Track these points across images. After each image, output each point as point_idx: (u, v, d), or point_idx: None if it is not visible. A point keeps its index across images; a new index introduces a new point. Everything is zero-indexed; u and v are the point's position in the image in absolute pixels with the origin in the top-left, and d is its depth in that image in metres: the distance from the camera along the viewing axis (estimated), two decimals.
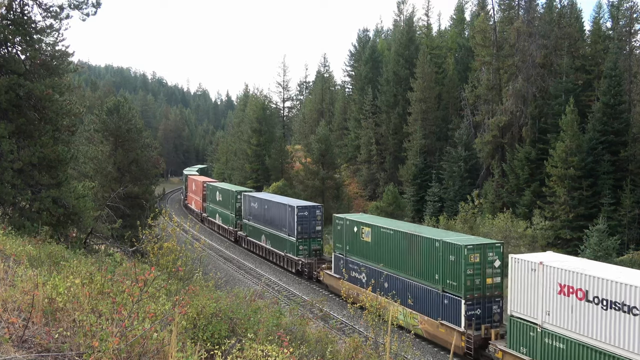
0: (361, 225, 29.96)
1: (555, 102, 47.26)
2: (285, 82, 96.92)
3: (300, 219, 36.82)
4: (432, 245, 24.26)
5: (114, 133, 34.41)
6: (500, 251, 23.01)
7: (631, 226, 39.58)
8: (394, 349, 11.73)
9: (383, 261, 27.54)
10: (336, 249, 32.65)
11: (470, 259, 22.29)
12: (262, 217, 42.95)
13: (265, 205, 42.38)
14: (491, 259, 22.73)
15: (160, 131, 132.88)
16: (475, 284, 22.47)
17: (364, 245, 29.63)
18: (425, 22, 78.49)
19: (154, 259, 11.44)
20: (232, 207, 50.38)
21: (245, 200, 46.63)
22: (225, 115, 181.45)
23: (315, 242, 37.48)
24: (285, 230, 38.57)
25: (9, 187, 16.91)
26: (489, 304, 22.77)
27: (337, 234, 32.45)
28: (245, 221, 47.10)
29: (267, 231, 42.01)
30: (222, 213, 54.20)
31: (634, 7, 48.90)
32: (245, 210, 46.84)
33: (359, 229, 30.04)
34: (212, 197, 58.18)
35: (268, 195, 46.41)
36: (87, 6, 18.32)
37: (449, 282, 23.23)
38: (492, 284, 22.78)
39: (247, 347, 6.51)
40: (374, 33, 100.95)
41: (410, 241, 25.76)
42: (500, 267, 22.88)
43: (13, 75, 17.25)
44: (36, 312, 6.65)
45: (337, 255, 32.64)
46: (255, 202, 44.45)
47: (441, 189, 54.76)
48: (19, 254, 10.34)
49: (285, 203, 39.15)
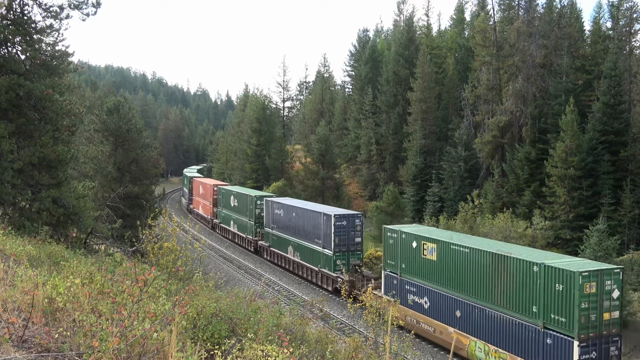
0: (423, 239, 25.24)
1: (555, 102, 47.26)
2: (285, 82, 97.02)
3: (338, 230, 32.49)
4: (528, 269, 19.72)
5: (114, 133, 34.42)
6: (619, 278, 18.95)
7: (631, 226, 39.58)
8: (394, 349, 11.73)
9: (454, 285, 23.38)
10: (387, 266, 27.84)
11: (586, 289, 18.17)
12: (289, 225, 38.57)
13: (293, 213, 37.95)
14: (609, 289, 18.60)
15: (160, 131, 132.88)
16: (590, 321, 18.31)
17: (426, 265, 24.94)
18: (425, 22, 78.57)
19: (154, 259, 11.45)
20: (251, 213, 45.60)
21: (268, 206, 42.21)
22: (225, 115, 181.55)
23: (354, 256, 33.04)
24: (318, 242, 34.28)
25: (9, 187, 16.90)
26: (605, 345, 18.67)
27: (388, 248, 27.74)
28: (267, 230, 42.53)
29: (295, 242, 37.53)
30: (239, 220, 49.41)
31: (634, 7, 48.90)
32: (267, 217, 42.29)
33: (419, 244, 25.44)
34: (225, 202, 53.40)
35: (296, 202, 41.79)
36: (87, 6, 18.31)
37: (553, 317, 18.86)
38: (609, 319, 18.68)
39: (247, 347, 6.51)
40: (374, 33, 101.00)
41: (495, 263, 21.22)
42: (619, 299, 19.11)
43: (13, 75, 17.25)
44: (36, 312, 6.65)
45: (388, 273, 27.74)
46: (280, 208, 40.03)
47: (441, 189, 54.75)
48: (19, 254, 10.34)
49: (320, 211, 34.77)
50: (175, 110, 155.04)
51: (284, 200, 42.71)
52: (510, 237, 36.37)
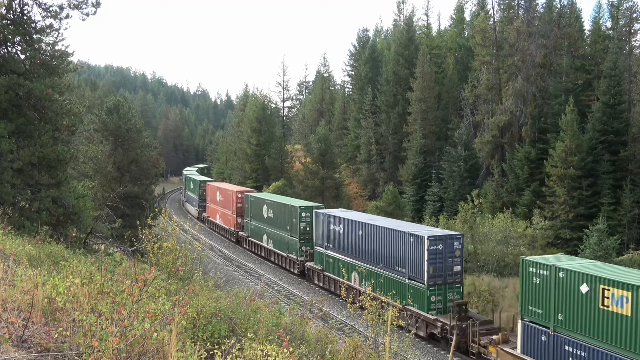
0: (602, 283, 16.51)
1: (555, 102, 47.27)
2: (285, 82, 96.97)
3: (433, 256, 24.53)
4: None
5: (114, 133, 34.44)
6: None
7: (631, 226, 39.59)
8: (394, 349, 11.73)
9: None
10: (528, 314, 19.52)
11: None
12: (352, 246, 30.61)
13: (359, 231, 29.83)
14: None
15: (160, 131, 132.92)
16: None
17: (609, 320, 16.44)
18: (425, 22, 78.66)
19: (154, 259, 11.46)
20: (294, 228, 37.49)
21: (319, 220, 34.32)
22: (225, 115, 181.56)
23: (453, 291, 25.11)
24: (402, 271, 26.30)
25: (9, 187, 16.91)
26: None
27: (531, 289, 19.39)
28: (319, 249, 34.41)
29: (363, 267, 29.05)
30: (275, 235, 40.81)
31: (634, 7, 48.93)
32: (319, 234, 34.41)
33: (594, 288, 16.78)
34: (255, 213, 44.70)
35: (362, 216, 33.67)
36: (87, 6, 18.33)
37: None
38: None
39: (247, 347, 6.51)
40: (374, 33, 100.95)
41: None
42: None
43: (13, 75, 17.25)
44: (36, 312, 6.65)
45: (530, 325, 19.38)
46: (338, 224, 32.31)
47: (441, 189, 54.77)
48: (19, 254, 10.34)
49: (405, 230, 26.41)
50: (175, 110, 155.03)
51: (344, 213, 34.15)
52: (511, 237, 36.41)
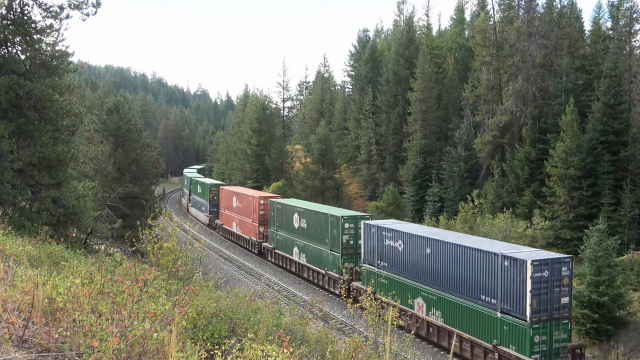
0: None
1: (555, 102, 47.26)
2: (285, 82, 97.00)
3: (537, 285, 19.25)
4: None
5: (114, 133, 34.43)
6: None
7: (631, 226, 39.55)
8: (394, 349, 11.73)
9: None
10: None
11: None
12: (415, 266, 25.24)
13: (426, 248, 24.33)
14: None
15: (160, 131, 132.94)
16: None
17: None
18: (425, 22, 78.60)
19: (154, 259, 11.46)
20: (334, 241, 32.53)
21: (369, 233, 28.74)
22: (225, 115, 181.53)
23: (560, 328, 20.03)
24: (489, 302, 20.89)
25: (9, 187, 16.91)
26: None
27: None
28: (367, 267, 28.94)
29: (431, 292, 24.05)
30: (310, 248, 35.70)
31: (634, 7, 48.87)
32: (370, 249, 28.92)
33: None
34: (283, 222, 39.81)
35: (427, 230, 27.49)
36: (87, 6, 18.33)
37: None
38: None
39: (247, 347, 6.51)
40: (374, 33, 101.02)
41: None
42: None
43: (13, 75, 17.25)
44: (36, 312, 6.65)
45: None
46: (396, 238, 26.40)
47: (441, 189, 54.75)
48: (19, 254, 10.34)
49: (493, 251, 20.89)
50: (175, 110, 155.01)
51: (403, 226, 28.20)
52: (510, 237, 36.40)
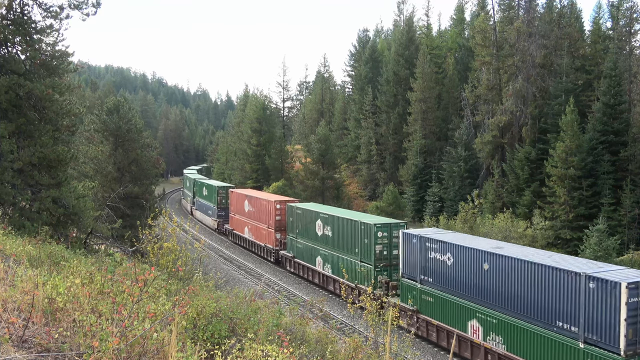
0: None
1: (555, 102, 47.27)
2: (285, 82, 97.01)
3: (633, 312, 15.52)
4: None
5: (114, 133, 34.42)
6: None
7: (631, 226, 39.56)
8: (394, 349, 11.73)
9: None
10: None
11: None
12: (468, 283, 21.26)
13: (483, 263, 20.43)
14: None
15: (160, 131, 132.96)
16: None
17: None
18: (425, 22, 78.66)
19: (154, 259, 11.46)
20: (366, 251, 28.69)
21: (410, 243, 24.63)
22: (225, 115, 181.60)
23: None
24: (568, 330, 17.10)
25: (9, 187, 16.92)
26: None
27: None
28: (408, 282, 24.77)
29: (490, 315, 20.27)
30: (336, 258, 31.59)
31: (634, 7, 48.91)
32: (410, 261, 24.64)
33: None
34: (304, 229, 36.26)
35: (482, 243, 22.71)
36: (87, 6, 18.33)
37: None
38: None
39: (247, 347, 6.51)
40: (374, 33, 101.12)
41: None
42: None
43: (13, 75, 17.25)
44: (36, 312, 6.65)
45: None
46: (444, 251, 22.48)
47: (441, 189, 54.76)
48: (19, 254, 10.34)
49: (574, 270, 16.98)
50: (175, 110, 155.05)
51: (451, 237, 23.77)
52: (510, 237, 36.40)
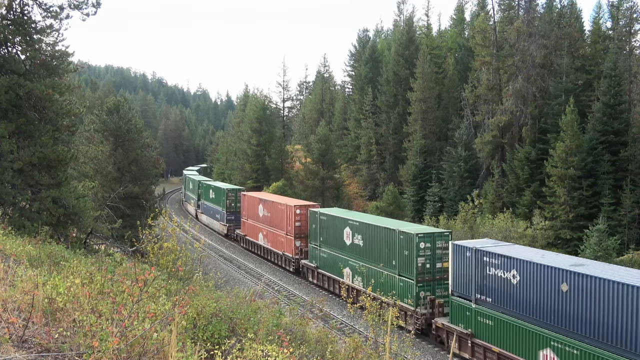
0: None
1: (555, 102, 47.27)
2: (285, 82, 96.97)
3: None
4: None
5: (114, 133, 34.42)
6: None
7: (631, 226, 39.57)
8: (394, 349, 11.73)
9: None
10: None
11: None
12: (541, 306, 18.12)
13: (560, 283, 17.43)
14: None
15: (160, 131, 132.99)
16: None
17: None
18: (425, 22, 78.64)
19: (154, 259, 11.46)
20: (406, 264, 25.56)
21: (463, 257, 21.58)
22: (225, 115, 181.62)
23: None
24: None
25: (9, 187, 16.92)
26: None
27: None
28: (460, 301, 22.00)
29: (569, 344, 17.30)
30: (369, 271, 28.42)
31: (634, 7, 48.92)
32: (464, 277, 21.65)
33: None
34: (329, 236, 33.19)
35: (557, 259, 19.33)
36: (87, 6, 18.34)
37: None
38: None
39: (247, 347, 6.51)
40: (374, 33, 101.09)
41: None
42: None
43: (13, 75, 17.26)
44: (36, 312, 6.65)
45: None
46: (509, 267, 19.39)
47: (441, 189, 54.77)
48: (19, 254, 10.34)
49: None
50: (175, 110, 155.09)
51: (517, 251, 20.48)
52: (511, 237, 36.42)
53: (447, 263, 23.86)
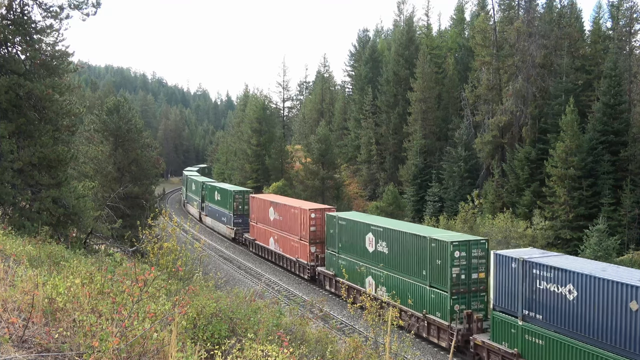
0: None
1: (555, 102, 47.28)
2: (285, 82, 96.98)
3: None
4: None
5: (114, 133, 34.43)
6: None
7: (631, 226, 39.57)
8: (394, 349, 11.73)
9: None
10: None
11: None
12: (601, 325, 16.38)
13: (628, 300, 15.59)
14: None
15: (160, 131, 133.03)
16: None
17: None
18: (425, 22, 78.67)
19: (154, 259, 11.45)
20: (439, 274, 23.61)
21: (507, 268, 19.67)
22: (225, 115, 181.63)
23: None
24: None
25: (9, 187, 16.92)
26: None
27: None
28: (502, 316, 20.10)
29: None
30: (394, 281, 26.76)
31: (634, 7, 48.93)
32: (505, 290, 19.85)
33: None
34: (348, 242, 31.13)
35: (623, 273, 17.05)
36: (87, 6, 18.35)
37: None
38: None
39: (247, 347, 6.51)
40: (374, 33, 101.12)
41: None
42: None
43: (13, 75, 17.26)
44: (36, 312, 6.65)
45: None
46: (563, 281, 17.49)
47: (441, 189, 54.77)
48: (19, 254, 10.34)
49: None
50: (175, 110, 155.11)
51: (572, 263, 18.37)
52: (511, 237, 36.43)
53: (482, 273, 22.75)
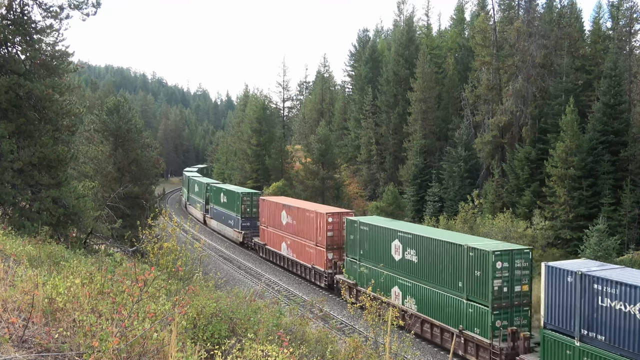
0: None
1: (555, 102, 47.26)
2: (285, 82, 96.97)
3: None
4: None
5: (114, 133, 34.44)
6: None
7: (631, 226, 39.56)
8: (394, 349, 11.73)
9: None
10: None
11: None
12: None
13: None
14: None
15: (160, 131, 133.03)
16: None
17: None
18: (425, 22, 78.67)
19: (154, 259, 11.46)
20: (478, 286, 21.78)
21: (561, 282, 17.97)
22: (225, 115, 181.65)
23: None
24: None
25: (9, 187, 16.92)
26: None
27: None
28: (555, 335, 18.30)
29: None
30: (424, 292, 25.06)
31: (634, 7, 48.89)
32: (559, 306, 18.14)
33: None
34: (372, 249, 28.98)
35: None
36: (87, 6, 18.35)
37: None
38: None
39: (247, 347, 6.51)
40: (374, 33, 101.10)
41: None
42: None
43: (13, 75, 17.26)
44: (36, 312, 6.65)
45: None
46: (631, 299, 15.55)
47: (441, 189, 54.76)
48: (19, 254, 10.34)
49: None
50: (175, 110, 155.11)
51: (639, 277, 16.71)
52: (511, 237, 36.41)
53: (526, 286, 21.41)
